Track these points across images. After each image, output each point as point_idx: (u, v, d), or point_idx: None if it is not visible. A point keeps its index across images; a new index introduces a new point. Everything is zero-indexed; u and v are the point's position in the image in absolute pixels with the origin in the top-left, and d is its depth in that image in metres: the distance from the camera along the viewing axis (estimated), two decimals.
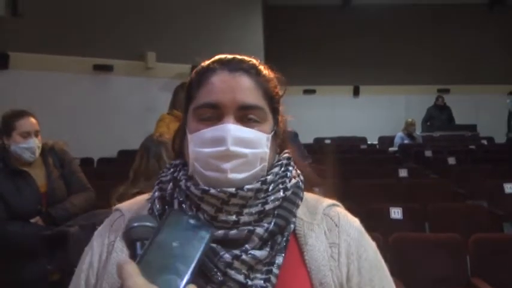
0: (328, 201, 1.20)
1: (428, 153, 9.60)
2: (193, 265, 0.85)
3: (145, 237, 0.91)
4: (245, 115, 1.10)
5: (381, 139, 13.05)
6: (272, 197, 1.09)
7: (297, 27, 14.54)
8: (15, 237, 3.25)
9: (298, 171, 1.20)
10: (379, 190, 6.42)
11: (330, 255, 1.10)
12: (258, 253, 1.03)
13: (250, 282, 1.02)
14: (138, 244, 0.91)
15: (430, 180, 7.69)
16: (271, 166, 1.14)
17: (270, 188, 1.10)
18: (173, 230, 0.89)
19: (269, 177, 1.10)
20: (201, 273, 1.00)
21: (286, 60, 14.05)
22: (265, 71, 1.17)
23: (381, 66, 14.50)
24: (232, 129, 1.07)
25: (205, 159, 1.08)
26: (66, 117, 9.00)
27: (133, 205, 1.22)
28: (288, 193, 1.12)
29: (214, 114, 1.10)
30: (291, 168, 1.17)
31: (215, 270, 1.01)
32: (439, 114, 13.45)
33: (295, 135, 4.25)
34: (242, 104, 1.09)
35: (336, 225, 1.15)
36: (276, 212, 1.09)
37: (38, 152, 3.41)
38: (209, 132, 1.08)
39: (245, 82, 1.11)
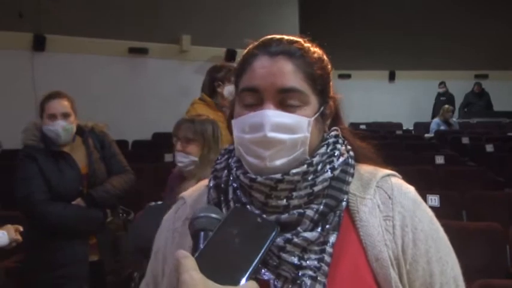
0: (382, 172, 1.18)
1: (465, 140, 9.43)
2: (254, 263, 0.85)
3: (209, 228, 0.92)
4: (285, 99, 1.09)
5: (417, 125, 12.89)
6: (320, 178, 1.09)
7: (333, 11, 14.39)
8: (56, 218, 3.28)
9: (349, 147, 1.19)
10: (415, 177, 6.14)
11: (384, 229, 1.09)
12: (309, 235, 1.03)
13: (304, 264, 1.02)
14: (202, 234, 0.93)
15: (467, 167, 7.55)
16: (318, 147, 1.13)
17: (318, 168, 1.10)
18: (237, 225, 0.90)
19: (315, 159, 1.10)
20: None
21: (321, 44, 13.89)
22: (312, 51, 1.16)
23: (418, 51, 14.29)
24: (271, 115, 1.07)
25: (246, 144, 1.10)
26: (101, 100, 9.07)
27: (195, 191, 1.27)
28: (336, 172, 1.11)
29: (256, 99, 1.11)
30: (339, 145, 1.16)
31: (270, 254, 1.02)
32: (477, 101, 13.22)
33: None
34: (281, 87, 1.08)
35: (389, 197, 1.13)
36: (325, 192, 1.09)
37: (65, 134, 3.37)
38: (249, 118, 1.10)
39: (285, 66, 1.10)
